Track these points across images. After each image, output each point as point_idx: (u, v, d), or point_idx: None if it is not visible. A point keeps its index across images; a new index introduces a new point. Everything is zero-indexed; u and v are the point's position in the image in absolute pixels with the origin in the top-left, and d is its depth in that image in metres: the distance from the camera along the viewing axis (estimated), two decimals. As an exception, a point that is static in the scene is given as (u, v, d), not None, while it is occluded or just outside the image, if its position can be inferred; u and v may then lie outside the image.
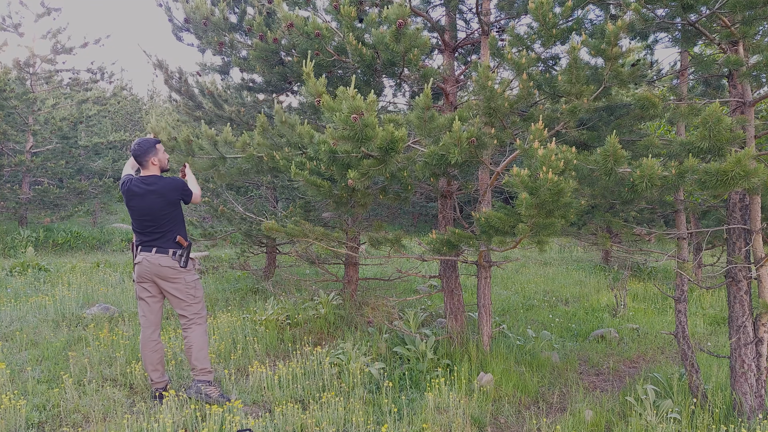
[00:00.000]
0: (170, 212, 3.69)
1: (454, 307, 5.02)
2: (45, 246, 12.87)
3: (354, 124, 2.93)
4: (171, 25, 6.05)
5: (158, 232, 3.66)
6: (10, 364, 4.30)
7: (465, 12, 5.52)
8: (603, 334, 5.98)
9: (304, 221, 4.77)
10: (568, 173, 2.78)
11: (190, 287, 3.73)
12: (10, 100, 12.96)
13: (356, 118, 2.91)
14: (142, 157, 3.68)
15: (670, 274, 10.30)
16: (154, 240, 3.66)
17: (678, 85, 4.49)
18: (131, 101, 27.49)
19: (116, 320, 5.82)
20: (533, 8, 3.17)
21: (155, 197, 3.63)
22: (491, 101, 3.29)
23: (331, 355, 4.39)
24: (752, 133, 3.45)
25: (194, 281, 3.78)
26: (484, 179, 4.82)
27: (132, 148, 3.69)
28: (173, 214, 3.71)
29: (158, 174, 3.75)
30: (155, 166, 3.74)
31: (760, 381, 3.57)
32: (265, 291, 7.50)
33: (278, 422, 3.35)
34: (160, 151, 3.77)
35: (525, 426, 3.56)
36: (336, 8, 3.87)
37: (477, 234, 3.56)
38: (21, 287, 7.51)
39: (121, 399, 3.71)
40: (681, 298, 3.98)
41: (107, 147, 17.40)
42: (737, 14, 3.18)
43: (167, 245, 3.66)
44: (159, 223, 3.65)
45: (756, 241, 3.51)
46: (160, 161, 3.77)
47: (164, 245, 3.65)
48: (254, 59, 4.88)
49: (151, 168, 3.72)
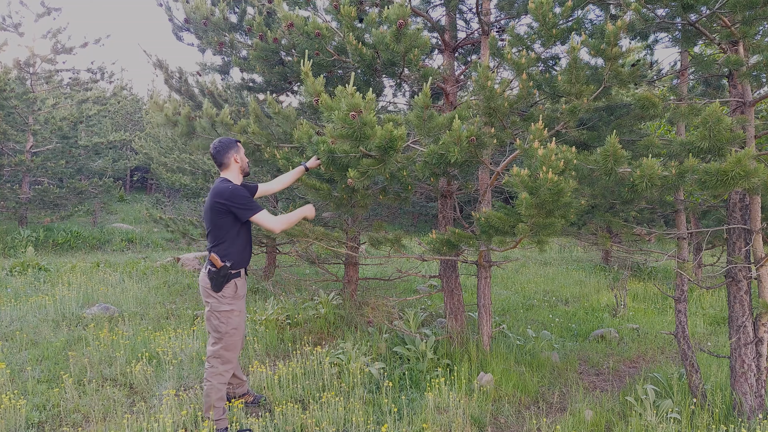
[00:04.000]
0: (215, 220, 3.19)
1: (454, 307, 5.02)
2: (45, 246, 12.87)
3: (352, 122, 2.91)
4: (171, 25, 6.06)
5: (208, 238, 3.26)
6: (10, 364, 4.30)
7: (465, 12, 5.53)
8: (603, 334, 5.98)
9: (304, 221, 4.78)
10: (568, 173, 2.77)
11: (214, 317, 3.20)
12: (10, 99, 12.97)
13: (355, 116, 2.89)
14: (221, 155, 3.29)
15: (670, 274, 10.30)
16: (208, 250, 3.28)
17: (678, 85, 4.49)
18: (131, 101, 27.51)
19: (116, 320, 5.82)
20: (533, 8, 3.17)
21: (208, 197, 3.25)
22: (491, 101, 3.29)
23: (331, 355, 4.39)
24: (752, 133, 3.45)
25: (222, 313, 3.19)
26: (484, 179, 4.82)
27: (210, 149, 3.35)
28: (217, 223, 3.18)
29: (236, 176, 3.34)
30: (237, 165, 3.34)
31: (760, 381, 3.57)
32: (265, 291, 7.50)
33: (278, 422, 3.35)
34: (242, 150, 3.40)
35: (525, 426, 3.56)
36: (336, 8, 3.87)
37: (477, 234, 3.55)
38: (21, 287, 7.51)
39: (121, 399, 3.71)
40: (681, 298, 3.98)
41: (107, 147, 17.39)
42: (737, 14, 3.18)
43: (207, 260, 3.21)
44: (207, 228, 3.25)
45: (756, 241, 3.51)
46: (242, 160, 3.37)
47: (207, 258, 3.22)
48: (254, 59, 4.88)
49: (232, 166, 3.33)
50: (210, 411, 3.22)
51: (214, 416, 3.22)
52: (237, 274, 3.26)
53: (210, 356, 3.25)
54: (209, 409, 3.23)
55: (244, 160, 3.41)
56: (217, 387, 3.23)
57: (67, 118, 14.52)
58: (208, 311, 3.23)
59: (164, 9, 5.97)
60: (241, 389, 3.67)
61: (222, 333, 3.22)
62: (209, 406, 3.23)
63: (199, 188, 10.60)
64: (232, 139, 3.40)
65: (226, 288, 3.20)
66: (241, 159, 3.36)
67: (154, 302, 6.78)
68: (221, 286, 3.17)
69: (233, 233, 3.22)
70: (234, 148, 3.33)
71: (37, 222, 14.56)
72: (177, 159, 10.48)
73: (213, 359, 3.24)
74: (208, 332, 3.27)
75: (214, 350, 3.24)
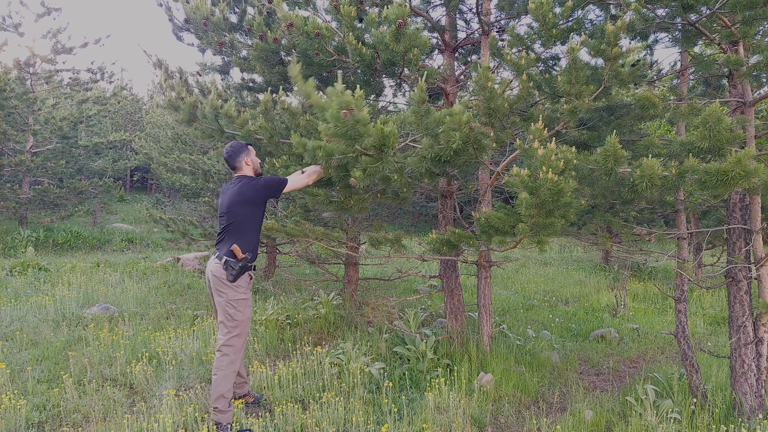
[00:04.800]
0: (242, 212, 3.40)
1: (454, 307, 5.02)
2: (45, 246, 12.87)
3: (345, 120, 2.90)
4: (171, 25, 6.05)
5: (224, 232, 3.42)
6: (10, 364, 4.30)
7: (465, 12, 5.53)
8: (603, 334, 5.98)
9: (304, 221, 4.78)
10: (568, 173, 2.77)
11: (230, 306, 3.33)
12: (10, 100, 12.97)
13: (347, 114, 2.89)
14: (233, 158, 3.53)
15: (670, 274, 10.30)
16: (218, 243, 3.45)
17: (678, 85, 4.49)
18: (131, 101, 27.52)
19: (116, 320, 5.82)
20: (533, 8, 3.17)
21: (233, 193, 3.43)
22: (491, 101, 3.29)
23: (331, 355, 4.39)
24: (752, 133, 3.45)
25: (239, 302, 3.35)
26: (484, 179, 4.82)
27: (223, 153, 3.56)
28: (244, 215, 3.41)
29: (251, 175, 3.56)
30: (249, 167, 3.57)
31: (760, 381, 3.57)
32: (265, 291, 7.50)
33: (278, 422, 3.35)
34: (252, 152, 3.61)
35: (525, 426, 3.56)
36: (336, 8, 3.87)
37: (477, 234, 3.55)
38: (21, 287, 7.51)
39: (121, 399, 3.71)
40: (681, 298, 3.98)
41: (107, 147, 17.40)
42: (737, 14, 3.18)
43: (224, 251, 3.35)
44: (228, 221, 3.41)
45: (756, 241, 3.51)
46: (254, 162, 3.59)
47: (222, 250, 3.37)
48: (254, 59, 4.88)
49: (245, 168, 3.56)
50: (220, 400, 3.27)
51: (222, 407, 3.27)
52: (252, 267, 3.45)
53: (222, 345, 3.33)
54: (219, 399, 3.27)
55: (256, 162, 3.61)
56: (230, 375, 3.32)
57: (67, 118, 14.52)
58: (224, 301, 3.32)
59: (164, 9, 5.97)
60: (242, 389, 3.68)
61: (238, 321, 3.33)
62: (219, 395, 3.27)
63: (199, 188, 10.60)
64: (243, 142, 3.60)
65: (241, 279, 3.35)
66: (252, 161, 3.58)
67: (154, 302, 6.78)
68: (237, 276, 3.32)
69: (256, 228, 3.46)
70: (245, 151, 3.56)
71: (37, 222, 14.56)
72: (177, 159, 10.48)
73: (226, 347, 3.32)
74: (221, 323, 3.36)
75: (226, 339, 3.33)
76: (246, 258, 3.34)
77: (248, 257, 3.35)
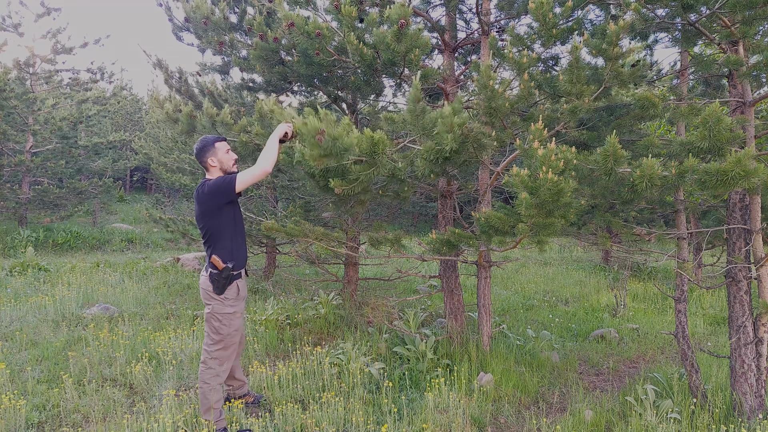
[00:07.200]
0: (207, 223, 3.17)
1: (454, 307, 5.02)
2: (45, 246, 12.87)
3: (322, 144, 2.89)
4: (171, 25, 6.05)
5: (204, 244, 3.22)
6: (10, 364, 4.29)
7: (465, 12, 5.53)
8: (603, 334, 5.98)
9: (304, 221, 4.78)
10: (568, 173, 2.77)
11: (215, 319, 3.17)
12: (10, 100, 12.97)
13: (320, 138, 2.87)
14: (199, 158, 3.23)
15: (670, 274, 10.30)
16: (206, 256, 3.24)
17: (678, 85, 4.49)
18: (131, 101, 27.52)
19: (116, 320, 5.81)
20: (533, 8, 3.17)
21: (195, 204, 3.19)
22: (492, 101, 3.28)
23: (331, 355, 4.39)
24: (752, 133, 3.45)
25: (225, 316, 3.17)
26: (484, 179, 4.82)
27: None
28: (210, 225, 3.16)
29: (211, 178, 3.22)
30: (215, 168, 3.23)
31: (760, 381, 3.57)
32: (265, 291, 7.49)
33: (278, 422, 3.35)
34: (220, 150, 3.23)
35: (525, 426, 3.56)
36: (337, 8, 3.87)
37: (477, 234, 3.55)
38: (21, 287, 7.50)
39: (120, 399, 3.71)
40: (681, 298, 3.98)
41: (107, 147, 17.40)
42: (737, 14, 3.18)
43: (207, 263, 3.19)
44: (202, 233, 3.21)
45: (756, 241, 3.51)
46: (220, 162, 3.23)
47: (207, 262, 3.20)
48: (254, 59, 4.88)
49: (211, 170, 3.23)
50: (209, 413, 3.17)
51: (214, 418, 3.19)
52: (238, 275, 3.25)
53: (207, 358, 3.20)
54: (208, 411, 3.17)
55: (225, 160, 3.24)
56: (215, 388, 3.20)
57: (67, 118, 14.52)
58: (209, 313, 3.18)
59: (164, 9, 5.96)
60: (241, 390, 3.67)
61: (223, 335, 3.19)
62: (208, 408, 3.17)
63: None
64: (211, 138, 3.26)
65: (229, 290, 3.18)
66: (219, 160, 3.22)
67: (154, 302, 6.78)
68: (224, 288, 3.15)
69: (229, 231, 3.20)
70: (210, 149, 3.21)
71: (37, 222, 14.56)
72: (177, 159, 10.47)
73: (211, 360, 3.20)
74: (207, 333, 3.22)
75: (211, 351, 3.20)
76: (228, 268, 3.14)
77: (230, 266, 3.15)
